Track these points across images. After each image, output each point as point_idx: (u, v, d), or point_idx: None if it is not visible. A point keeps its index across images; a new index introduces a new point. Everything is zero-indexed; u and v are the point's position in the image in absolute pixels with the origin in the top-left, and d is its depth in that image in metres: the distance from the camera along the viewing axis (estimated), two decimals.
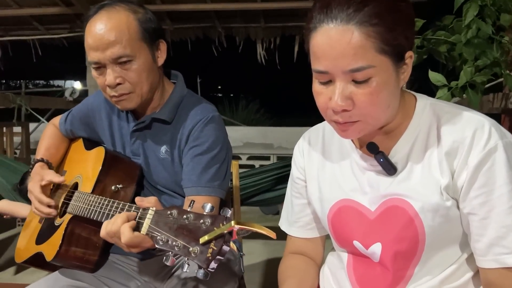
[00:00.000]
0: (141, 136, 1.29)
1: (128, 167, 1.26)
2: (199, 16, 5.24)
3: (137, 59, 1.15)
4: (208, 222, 0.78)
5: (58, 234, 1.18)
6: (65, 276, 1.18)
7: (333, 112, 0.78)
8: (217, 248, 0.75)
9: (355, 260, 0.91)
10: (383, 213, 0.85)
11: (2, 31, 5.81)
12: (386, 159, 0.84)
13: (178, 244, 0.79)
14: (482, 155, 0.76)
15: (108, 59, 1.13)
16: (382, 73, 0.74)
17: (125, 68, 1.14)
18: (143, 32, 1.16)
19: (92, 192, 1.16)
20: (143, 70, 1.16)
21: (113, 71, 1.14)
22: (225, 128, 1.30)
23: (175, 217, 0.83)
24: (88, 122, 1.39)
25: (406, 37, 0.76)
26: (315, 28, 0.75)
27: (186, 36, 5.69)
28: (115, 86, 1.15)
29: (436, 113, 0.84)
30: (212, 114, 1.24)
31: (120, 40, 1.12)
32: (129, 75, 1.15)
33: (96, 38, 1.12)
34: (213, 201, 1.19)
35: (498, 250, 0.76)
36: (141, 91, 1.18)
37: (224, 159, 1.24)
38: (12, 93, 4.47)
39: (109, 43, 1.12)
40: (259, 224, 0.76)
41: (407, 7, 0.78)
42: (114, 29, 1.12)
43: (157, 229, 0.84)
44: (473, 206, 0.78)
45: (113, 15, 1.14)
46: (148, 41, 1.17)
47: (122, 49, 1.12)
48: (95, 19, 1.14)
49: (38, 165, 1.31)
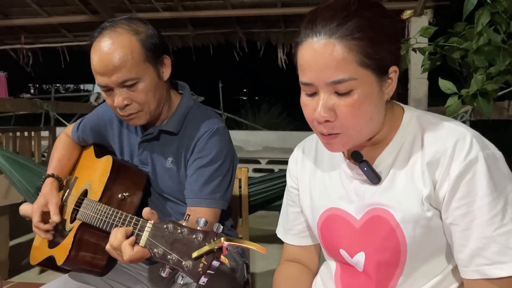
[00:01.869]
0: (149, 147, 1.33)
1: (135, 176, 1.31)
2: (220, 22, 5.32)
3: (142, 80, 1.18)
4: (200, 237, 0.81)
5: (68, 240, 1.24)
6: (74, 279, 1.24)
7: (318, 123, 0.80)
8: (207, 263, 0.78)
9: (342, 269, 0.93)
10: (367, 222, 0.87)
11: (33, 38, 6.04)
12: (370, 168, 0.86)
13: (173, 258, 0.82)
14: (463, 166, 0.77)
15: (114, 83, 1.16)
16: (364, 86, 0.77)
17: (132, 90, 1.17)
18: (146, 53, 1.18)
19: (99, 200, 1.20)
20: (150, 89, 1.20)
21: (120, 94, 1.17)
22: (231, 139, 1.33)
23: (170, 231, 0.86)
24: (99, 130, 1.44)
25: (389, 51, 0.78)
26: (302, 42, 0.79)
27: (208, 41, 5.78)
28: (124, 107, 1.19)
29: (421, 125, 0.85)
30: (217, 126, 1.27)
31: (124, 64, 1.14)
32: (136, 96, 1.18)
33: (101, 63, 1.15)
34: (213, 212, 1.23)
35: (479, 261, 0.77)
36: (149, 109, 1.22)
37: (227, 171, 1.27)
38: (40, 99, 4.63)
39: (114, 68, 1.14)
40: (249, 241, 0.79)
41: (392, 23, 0.80)
42: (118, 54, 1.14)
43: (154, 242, 0.87)
44: (455, 217, 0.78)
45: (116, 39, 1.16)
46: (152, 60, 1.20)
47: (127, 73, 1.15)
48: (99, 43, 1.16)
49: (49, 181, 1.36)
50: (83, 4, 5.05)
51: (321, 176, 0.97)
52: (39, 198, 1.32)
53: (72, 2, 5.06)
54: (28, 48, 5.92)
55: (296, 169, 1.03)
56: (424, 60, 2.06)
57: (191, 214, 1.22)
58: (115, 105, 1.20)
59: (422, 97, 4.54)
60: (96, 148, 1.47)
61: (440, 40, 1.90)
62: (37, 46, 5.97)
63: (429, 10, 4.67)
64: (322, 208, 0.94)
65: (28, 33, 5.92)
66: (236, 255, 1.38)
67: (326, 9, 0.78)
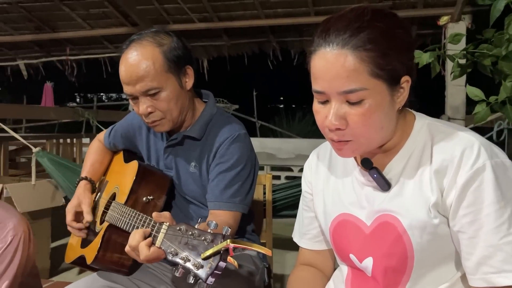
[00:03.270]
0: (174, 152, 1.39)
1: (160, 180, 1.37)
2: (254, 31, 5.40)
3: (165, 89, 1.24)
4: (209, 239, 0.85)
5: (97, 240, 1.31)
6: (102, 277, 1.31)
7: (329, 130, 0.83)
8: (214, 264, 0.83)
9: (353, 273, 0.94)
10: (376, 228, 0.88)
11: (77, 50, 6.35)
12: (379, 175, 0.87)
13: (184, 258, 0.87)
14: (469, 174, 0.77)
15: (138, 92, 1.24)
16: (375, 96, 0.78)
17: (155, 99, 1.25)
18: (168, 64, 1.25)
19: (125, 203, 1.27)
20: (172, 98, 1.26)
21: (144, 102, 1.25)
22: (252, 145, 1.37)
23: (183, 233, 0.90)
24: (128, 136, 1.52)
25: (401, 62, 0.79)
26: (315, 51, 0.81)
27: (243, 51, 5.87)
28: (148, 114, 1.27)
29: (431, 133, 0.86)
30: (238, 132, 1.32)
31: (147, 75, 1.22)
32: (159, 105, 1.25)
33: (127, 73, 1.23)
34: (234, 215, 1.27)
35: (486, 269, 0.77)
36: (171, 116, 1.29)
37: (247, 176, 1.31)
38: (83, 107, 4.86)
39: (137, 78, 1.22)
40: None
41: (405, 33, 0.81)
42: (142, 65, 1.22)
43: (168, 243, 0.92)
44: (462, 225, 0.79)
45: (141, 51, 1.23)
46: (174, 70, 1.26)
47: (150, 83, 1.22)
48: (126, 55, 1.25)
49: (82, 183, 1.45)
50: (124, 17, 5.28)
51: (335, 182, 0.99)
52: (73, 199, 1.41)
53: (113, 15, 5.30)
54: (73, 59, 6.23)
55: (310, 174, 1.05)
56: (453, 67, 2.03)
57: (212, 217, 1.27)
58: (140, 113, 1.27)
59: (460, 104, 4.41)
60: (125, 154, 1.55)
61: (470, 46, 1.87)
62: (81, 57, 6.27)
63: (467, 15, 4.55)
64: (334, 213, 0.96)
65: (73, 45, 6.23)
66: (257, 259, 1.41)
67: (340, 19, 0.80)
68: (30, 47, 6.45)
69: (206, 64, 6.18)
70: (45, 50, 6.51)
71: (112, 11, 5.20)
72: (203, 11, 5.03)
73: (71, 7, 5.22)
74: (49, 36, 5.80)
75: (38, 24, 5.65)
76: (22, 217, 1.46)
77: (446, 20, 4.46)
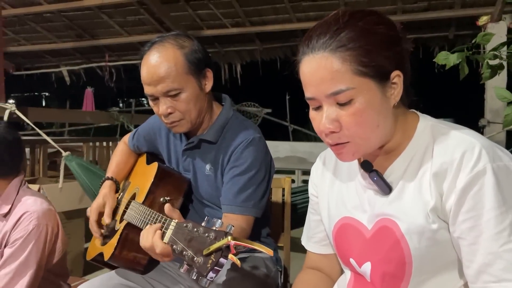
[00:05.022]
0: (191, 154, 1.42)
1: (177, 181, 1.39)
2: (286, 35, 5.41)
3: (185, 90, 1.27)
4: (212, 236, 0.86)
5: (115, 238, 1.35)
6: (119, 275, 1.35)
7: (325, 135, 0.82)
8: (215, 260, 0.83)
9: (355, 278, 0.92)
10: (376, 232, 0.86)
11: (115, 56, 6.59)
12: (380, 178, 0.85)
13: (188, 254, 0.88)
14: (469, 177, 0.74)
15: (159, 93, 1.26)
16: (364, 94, 0.77)
17: (175, 100, 1.27)
18: (189, 66, 1.27)
19: (143, 203, 1.31)
20: (191, 100, 1.28)
21: (164, 103, 1.27)
22: (267, 149, 1.37)
23: (189, 229, 0.92)
24: (150, 139, 1.56)
25: (386, 57, 0.78)
26: (301, 59, 0.82)
27: (275, 55, 5.90)
28: (167, 115, 1.29)
29: (433, 134, 0.83)
30: (253, 136, 1.32)
31: (168, 76, 1.24)
32: (178, 105, 1.28)
33: (148, 74, 1.26)
34: (246, 219, 1.27)
35: (485, 278, 0.73)
36: (190, 117, 1.31)
37: (261, 180, 1.31)
38: (122, 112, 5.02)
39: (159, 79, 1.24)
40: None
41: (386, 28, 0.79)
42: (163, 66, 1.24)
43: (175, 240, 0.94)
44: (462, 231, 0.76)
45: (162, 52, 1.26)
46: (194, 73, 1.28)
47: (170, 84, 1.25)
48: (148, 56, 1.27)
49: (107, 183, 1.50)
50: (159, 23, 5.43)
51: (339, 186, 0.97)
52: (97, 198, 1.46)
53: (149, 22, 5.46)
54: (111, 65, 6.46)
55: (316, 177, 1.04)
56: (483, 68, 1.95)
57: (225, 220, 1.28)
58: (160, 113, 1.30)
59: (500, 108, 4.22)
60: (148, 156, 1.59)
61: (498, 46, 1.80)
62: (119, 63, 6.50)
63: (508, 15, 4.36)
64: (337, 217, 0.95)
65: (112, 52, 6.46)
66: (270, 262, 1.40)
67: (320, 26, 0.81)
68: (72, 54, 6.76)
69: (239, 69, 6.25)
70: (85, 57, 6.80)
71: (147, 18, 5.37)
72: (236, 16, 5.10)
73: (109, 14, 5.42)
74: (89, 43, 6.05)
75: (79, 32, 5.91)
76: (50, 211, 1.52)
77: (486, 20, 4.28)
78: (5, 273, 1.41)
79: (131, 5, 5.06)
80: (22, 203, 1.50)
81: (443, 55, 1.90)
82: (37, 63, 7.35)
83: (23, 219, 1.44)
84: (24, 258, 1.42)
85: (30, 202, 1.50)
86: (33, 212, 1.46)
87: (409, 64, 0.84)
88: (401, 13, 4.73)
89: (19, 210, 1.47)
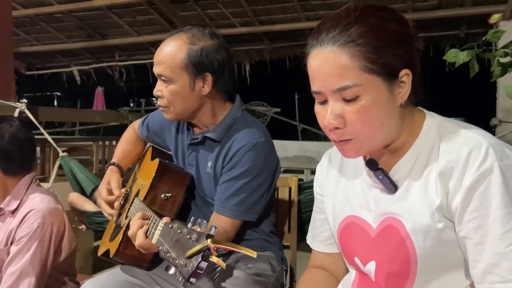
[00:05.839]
0: (196, 150, 1.42)
1: (179, 177, 1.39)
2: (295, 34, 5.40)
3: (173, 82, 1.29)
4: (194, 237, 0.84)
5: (120, 235, 1.35)
6: (124, 272, 1.34)
7: (329, 130, 0.81)
8: (196, 263, 0.82)
9: (360, 277, 0.91)
10: (381, 231, 0.84)
11: (125, 56, 6.63)
12: (385, 176, 0.84)
13: (172, 256, 0.87)
14: (476, 176, 0.72)
15: (156, 73, 1.32)
16: (370, 91, 0.76)
17: (165, 86, 1.32)
18: (187, 63, 1.28)
19: (144, 200, 1.30)
20: (177, 94, 1.30)
21: (158, 84, 1.33)
22: (271, 153, 1.34)
23: (175, 230, 0.91)
24: (159, 128, 1.56)
25: (396, 55, 0.76)
26: (309, 52, 0.80)
27: (284, 54, 5.88)
28: (157, 97, 1.34)
29: (440, 133, 0.81)
30: (256, 141, 1.30)
31: (164, 61, 1.29)
32: (165, 93, 1.31)
33: (156, 52, 1.32)
34: (234, 223, 1.28)
35: (492, 278, 0.72)
36: (174, 109, 1.33)
37: (258, 186, 1.29)
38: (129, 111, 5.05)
39: (157, 60, 1.30)
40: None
41: (398, 25, 0.78)
42: (164, 51, 1.29)
43: (161, 241, 0.93)
44: (468, 230, 0.74)
45: (173, 40, 1.30)
46: (191, 72, 1.29)
47: (163, 69, 1.29)
48: (168, 37, 1.34)
49: (110, 168, 1.51)
50: (168, 23, 5.46)
51: (345, 184, 0.96)
52: (102, 181, 1.48)
53: (158, 21, 5.48)
54: (121, 65, 6.51)
55: (322, 176, 1.03)
56: (494, 66, 1.92)
57: (215, 217, 1.28)
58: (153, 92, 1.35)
59: None
60: (153, 151, 1.59)
61: (510, 45, 1.77)
62: (129, 63, 6.54)
63: None
64: (342, 215, 0.93)
65: (121, 51, 6.51)
66: (274, 260, 1.39)
67: (330, 19, 0.79)
68: (82, 54, 6.82)
69: (248, 68, 6.25)
70: (96, 57, 6.86)
71: (157, 18, 5.39)
72: (244, 15, 5.10)
73: (119, 14, 5.46)
74: (99, 43, 6.10)
75: (89, 32, 5.96)
76: (56, 210, 1.53)
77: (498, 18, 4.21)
78: (11, 272, 1.42)
79: (140, 5, 5.09)
80: (29, 201, 1.51)
81: (452, 52, 1.87)
82: (48, 63, 7.44)
83: (29, 217, 1.45)
84: (29, 256, 1.43)
85: (37, 200, 1.51)
86: (39, 211, 1.47)
87: (420, 63, 0.82)
88: (412, 11, 4.69)
89: (26, 208, 1.48)
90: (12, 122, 1.53)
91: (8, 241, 1.47)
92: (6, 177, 1.51)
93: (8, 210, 1.51)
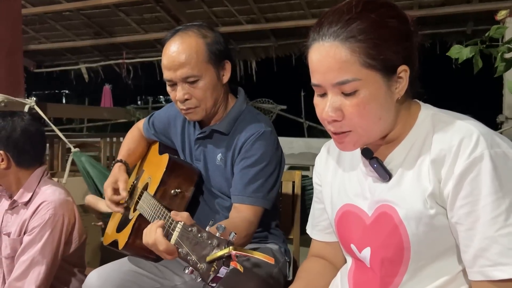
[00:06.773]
0: (203, 144, 1.45)
1: (188, 173, 1.42)
2: (301, 32, 5.39)
3: (203, 78, 1.30)
4: (215, 243, 0.87)
5: (129, 227, 1.39)
6: (131, 262, 1.38)
7: (327, 122, 0.84)
8: (217, 268, 0.84)
9: (356, 265, 0.94)
10: (376, 218, 0.87)
11: (132, 54, 6.68)
12: (380, 165, 0.87)
13: (192, 259, 0.89)
14: (467, 163, 0.75)
15: (178, 78, 1.30)
16: (369, 86, 0.78)
17: (192, 86, 1.31)
18: (209, 55, 1.31)
19: (154, 195, 1.33)
20: (208, 88, 1.32)
21: (182, 88, 1.31)
22: (278, 143, 1.39)
23: (194, 234, 0.92)
24: (165, 126, 1.58)
25: (395, 52, 0.79)
26: (310, 45, 0.83)
27: (290, 51, 5.90)
28: (184, 101, 1.32)
29: (433, 123, 0.84)
30: (264, 130, 1.34)
31: (189, 62, 1.28)
32: (195, 92, 1.31)
33: (169, 59, 1.30)
34: (255, 210, 1.30)
35: (482, 262, 0.74)
36: (205, 106, 1.34)
37: (271, 173, 1.33)
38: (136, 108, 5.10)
39: (179, 64, 1.28)
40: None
41: (398, 22, 0.80)
42: (185, 52, 1.28)
43: (180, 242, 0.94)
44: (459, 216, 0.77)
45: (185, 40, 1.30)
46: (214, 62, 1.32)
47: (190, 70, 1.28)
48: (170, 42, 1.31)
49: (117, 165, 1.53)
50: (175, 20, 5.49)
51: (342, 174, 0.99)
52: (109, 178, 1.49)
53: (165, 19, 5.53)
54: (129, 63, 6.56)
55: (320, 166, 1.06)
56: (497, 61, 1.93)
57: (235, 210, 1.30)
58: (176, 99, 1.33)
59: None
60: (161, 146, 1.62)
61: None
62: (136, 60, 6.59)
63: None
64: (339, 204, 0.97)
65: (129, 49, 6.56)
66: (277, 252, 1.42)
67: (332, 13, 0.81)
68: (90, 52, 6.88)
69: (254, 65, 6.27)
70: (103, 54, 6.92)
71: (164, 16, 5.43)
72: (251, 13, 5.12)
73: (126, 12, 5.51)
74: (107, 41, 6.16)
75: (97, 30, 6.02)
76: (67, 202, 1.57)
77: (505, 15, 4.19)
78: (23, 260, 1.47)
79: (147, 3, 5.13)
80: (41, 193, 1.55)
81: (456, 49, 1.89)
82: (56, 60, 7.52)
83: (41, 208, 1.50)
84: (40, 246, 1.47)
85: (49, 192, 1.55)
86: (51, 202, 1.51)
87: (417, 58, 0.85)
88: (418, 8, 4.68)
89: (38, 199, 1.53)
90: (23, 116, 1.58)
91: (21, 231, 1.52)
92: (19, 169, 1.56)
93: (21, 202, 1.56)
